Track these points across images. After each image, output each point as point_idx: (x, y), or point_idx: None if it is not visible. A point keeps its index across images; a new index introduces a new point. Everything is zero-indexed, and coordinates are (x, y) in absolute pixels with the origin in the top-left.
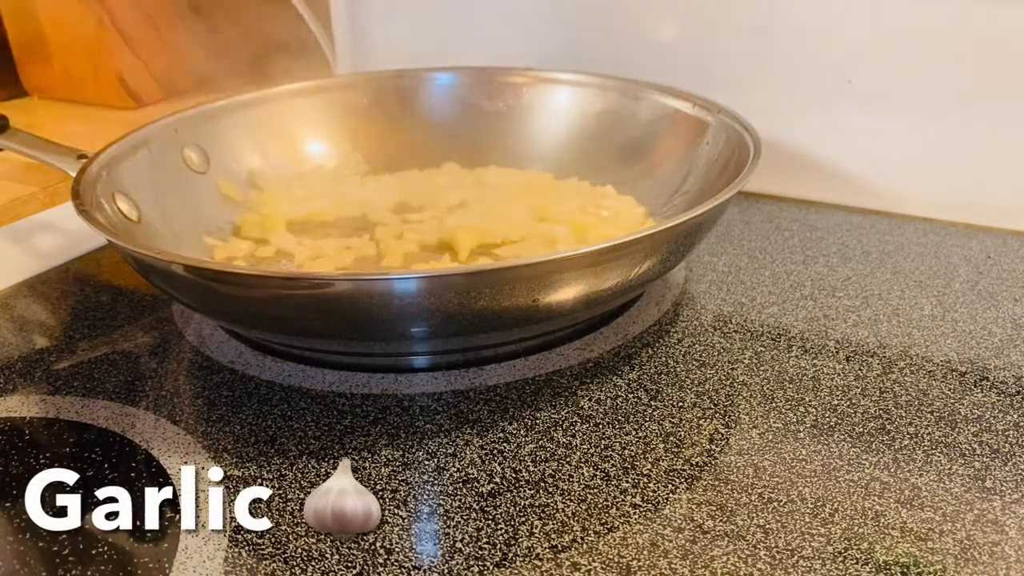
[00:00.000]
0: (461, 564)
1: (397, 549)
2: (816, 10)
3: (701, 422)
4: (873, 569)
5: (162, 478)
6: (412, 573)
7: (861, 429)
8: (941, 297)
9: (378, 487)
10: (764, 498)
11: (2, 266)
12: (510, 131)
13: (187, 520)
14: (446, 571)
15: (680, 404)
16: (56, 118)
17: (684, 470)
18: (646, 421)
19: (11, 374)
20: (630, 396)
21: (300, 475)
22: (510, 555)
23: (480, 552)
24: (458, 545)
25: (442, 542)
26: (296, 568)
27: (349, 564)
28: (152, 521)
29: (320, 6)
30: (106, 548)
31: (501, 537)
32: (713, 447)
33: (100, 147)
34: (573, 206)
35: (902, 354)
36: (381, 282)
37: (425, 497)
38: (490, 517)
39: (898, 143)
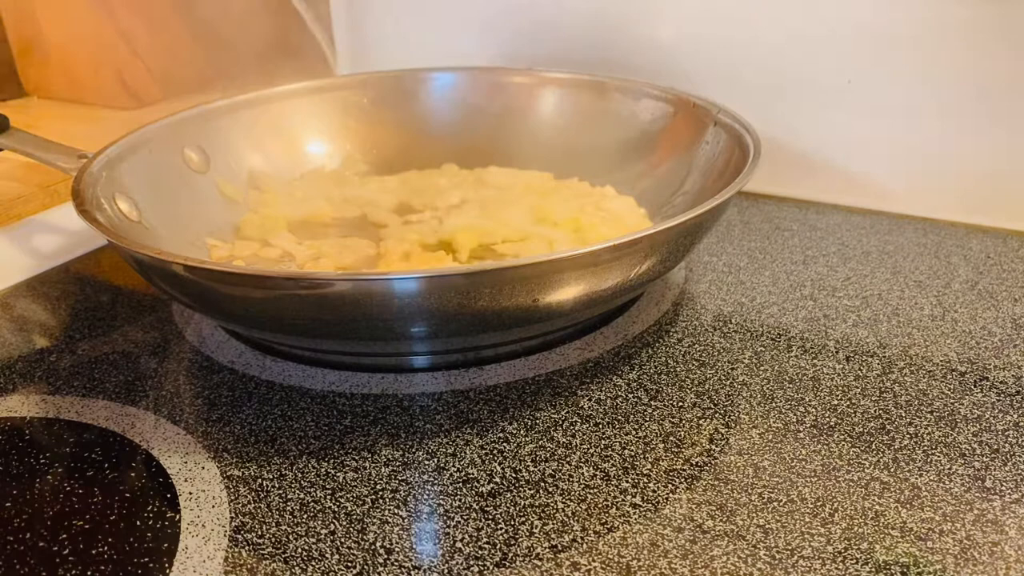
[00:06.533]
0: (461, 564)
1: (397, 549)
2: (816, 10)
3: (701, 422)
4: (873, 569)
5: (162, 478)
6: (412, 573)
7: (861, 429)
8: (941, 297)
9: (378, 487)
10: (764, 498)
11: (2, 266)
12: (510, 131)
13: (187, 520)
14: (446, 571)
15: (680, 404)
16: (56, 118)
17: (684, 470)
18: (646, 421)
19: (11, 374)
20: (630, 396)
21: (300, 475)
22: (510, 555)
23: (480, 552)
24: (458, 545)
25: (442, 542)
26: (296, 568)
27: (349, 564)
28: (152, 521)
29: (320, 6)
30: (106, 548)
31: (501, 537)
32: (713, 447)
33: (100, 147)
34: (573, 206)
35: (902, 354)
36: (381, 282)
37: (425, 497)
38: (490, 517)
39: (898, 143)
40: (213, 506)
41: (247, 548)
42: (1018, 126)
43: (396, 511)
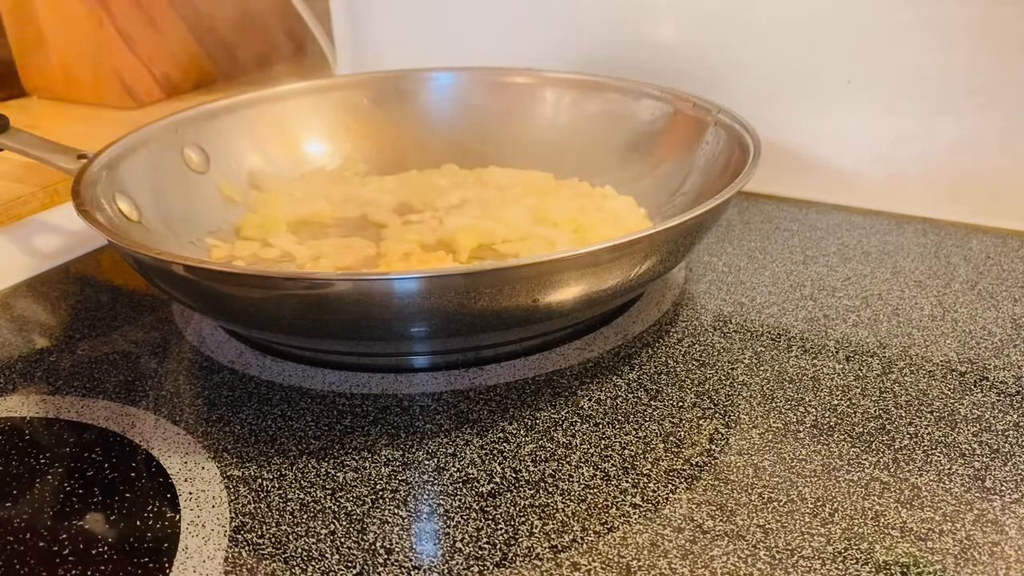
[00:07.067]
0: (461, 564)
1: (397, 549)
2: (815, 10)
3: (701, 422)
4: (873, 569)
5: (162, 478)
6: (412, 573)
7: (861, 429)
8: (941, 297)
9: (378, 487)
10: (764, 498)
11: (2, 266)
12: (510, 131)
13: (187, 520)
14: (446, 571)
15: (680, 404)
16: (56, 118)
17: (684, 470)
18: (646, 421)
19: (11, 374)
20: (630, 396)
21: (300, 475)
22: (510, 555)
23: (480, 552)
24: (458, 545)
25: (442, 542)
26: (296, 568)
27: (349, 564)
28: (152, 521)
29: (320, 6)
30: (106, 548)
31: (501, 537)
32: (713, 447)
33: (100, 147)
34: (573, 206)
35: (902, 354)
36: (381, 282)
37: (425, 497)
38: (490, 517)
39: (898, 143)
40: (213, 506)
41: (247, 548)
42: (1018, 126)
43: (396, 511)
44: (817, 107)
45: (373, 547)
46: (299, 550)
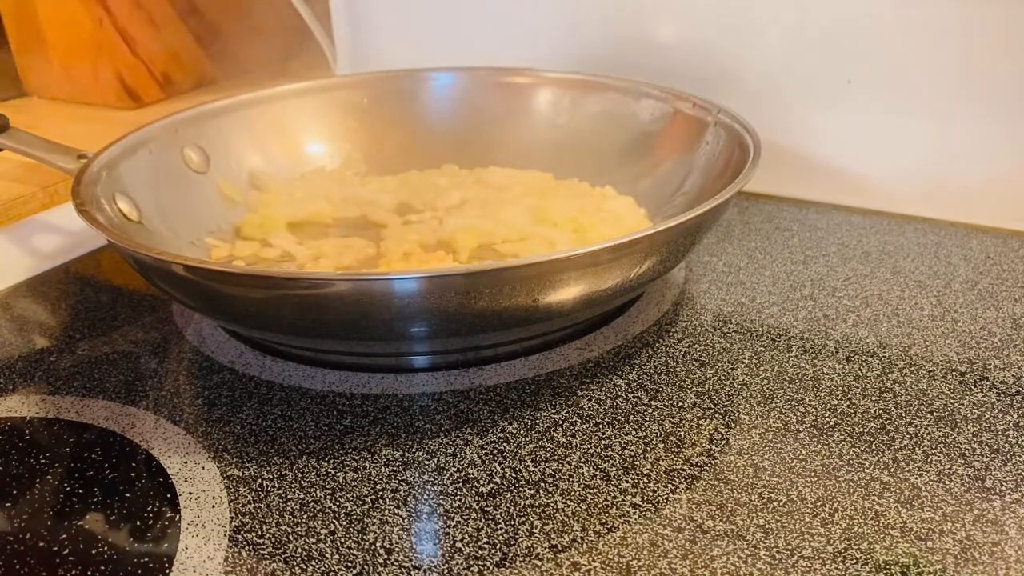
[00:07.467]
0: (461, 564)
1: (397, 549)
2: (816, 10)
3: (701, 422)
4: (873, 569)
5: (162, 478)
6: (412, 573)
7: (861, 429)
8: (941, 297)
9: (378, 487)
10: (764, 498)
11: (2, 266)
12: (510, 131)
13: (187, 520)
14: (446, 571)
15: (680, 404)
16: (56, 118)
17: (684, 470)
18: (646, 421)
19: (11, 374)
20: (630, 396)
21: (300, 475)
22: (510, 555)
23: (480, 552)
24: (458, 545)
25: (442, 542)
26: (296, 568)
27: (349, 564)
28: (152, 521)
29: (320, 6)
30: (106, 548)
31: (501, 537)
32: (713, 447)
33: (100, 147)
34: (573, 207)
35: (902, 354)
36: (381, 282)
37: (425, 497)
38: (490, 517)
39: (898, 143)
40: (213, 506)
41: (247, 548)
42: (1017, 126)
43: (396, 511)
44: (817, 107)
45: (373, 547)
46: (299, 550)
